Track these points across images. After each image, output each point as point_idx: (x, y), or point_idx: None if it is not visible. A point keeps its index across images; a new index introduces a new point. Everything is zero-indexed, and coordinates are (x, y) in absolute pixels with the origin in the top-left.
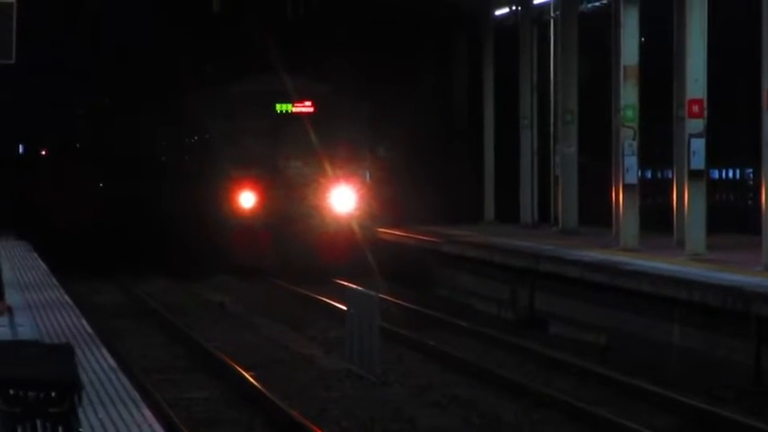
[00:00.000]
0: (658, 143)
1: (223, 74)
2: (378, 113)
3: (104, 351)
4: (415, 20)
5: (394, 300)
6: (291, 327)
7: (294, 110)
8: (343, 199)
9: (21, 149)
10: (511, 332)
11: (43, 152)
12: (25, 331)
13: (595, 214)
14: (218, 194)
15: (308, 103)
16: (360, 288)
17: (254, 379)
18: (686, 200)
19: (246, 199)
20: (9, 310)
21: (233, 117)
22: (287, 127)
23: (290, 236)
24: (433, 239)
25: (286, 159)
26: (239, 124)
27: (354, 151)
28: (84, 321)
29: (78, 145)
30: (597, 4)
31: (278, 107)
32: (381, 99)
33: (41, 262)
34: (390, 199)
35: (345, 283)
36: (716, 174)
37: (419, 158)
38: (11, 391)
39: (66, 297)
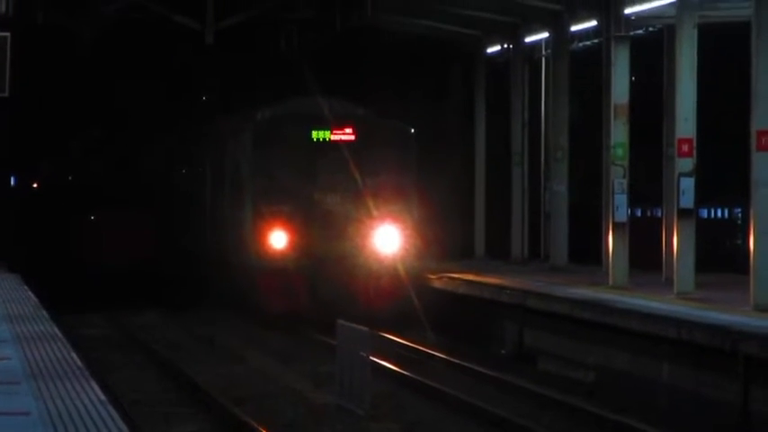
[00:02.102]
0: (647, 181)
1: (251, 97)
2: None
3: (93, 384)
4: (408, 57)
5: (381, 334)
6: (282, 360)
7: (332, 137)
8: (387, 239)
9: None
10: (500, 368)
11: (35, 185)
12: (13, 364)
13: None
14: (246, 233)
15: (349, 130)
16: (350, 323)
17: (243, 413)
18: (675, 238)
19: (278, 238)
20: None
21: (263, 145)
22: (324, 156)
23: (327, 280)
24: (424, 275)
25: (323, 193)
26: (270, 153)
27: (400, 184)
28: (73, 354)
29: (71, 177)
30: (588, 43)
31: (314, 134)
32: None
33: (32, 294)
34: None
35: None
36: (704, 213)
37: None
38: None
39: (56, 329)
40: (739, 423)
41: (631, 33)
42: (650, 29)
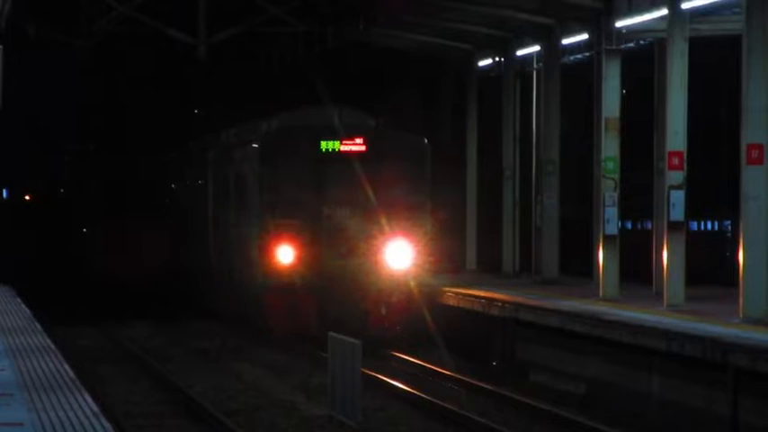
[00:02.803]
0: (638, 194)
1: (257, 108)
2: None
3: (86, 396)
4: (401, 69)
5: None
6: (275, 372)
7: (342, 148)
8: (400, 255)
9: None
10: (492, 380)
11: (27, 197)
12: (6, 375)
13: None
14: (252, 248)
15: (359, 141)
16: (341, 336)
17: (236, 425)
18: (665, 251)
19: (285, 254)
20: None
21: (270, 157)
22: (334, 168)
23: (337, 298)
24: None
25: (333, 207)
26: (277, 165)
27: (414, 197)
28: (66, 366)
29: (63, 189)
30: (579, 56)
31: (323, 145)
32: None
33: (25, 307)
34: None
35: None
36: (694, 225)
37: None
38: None
39: (49, 341)
40: None
41: (622, 47)
42: (641, 42)
